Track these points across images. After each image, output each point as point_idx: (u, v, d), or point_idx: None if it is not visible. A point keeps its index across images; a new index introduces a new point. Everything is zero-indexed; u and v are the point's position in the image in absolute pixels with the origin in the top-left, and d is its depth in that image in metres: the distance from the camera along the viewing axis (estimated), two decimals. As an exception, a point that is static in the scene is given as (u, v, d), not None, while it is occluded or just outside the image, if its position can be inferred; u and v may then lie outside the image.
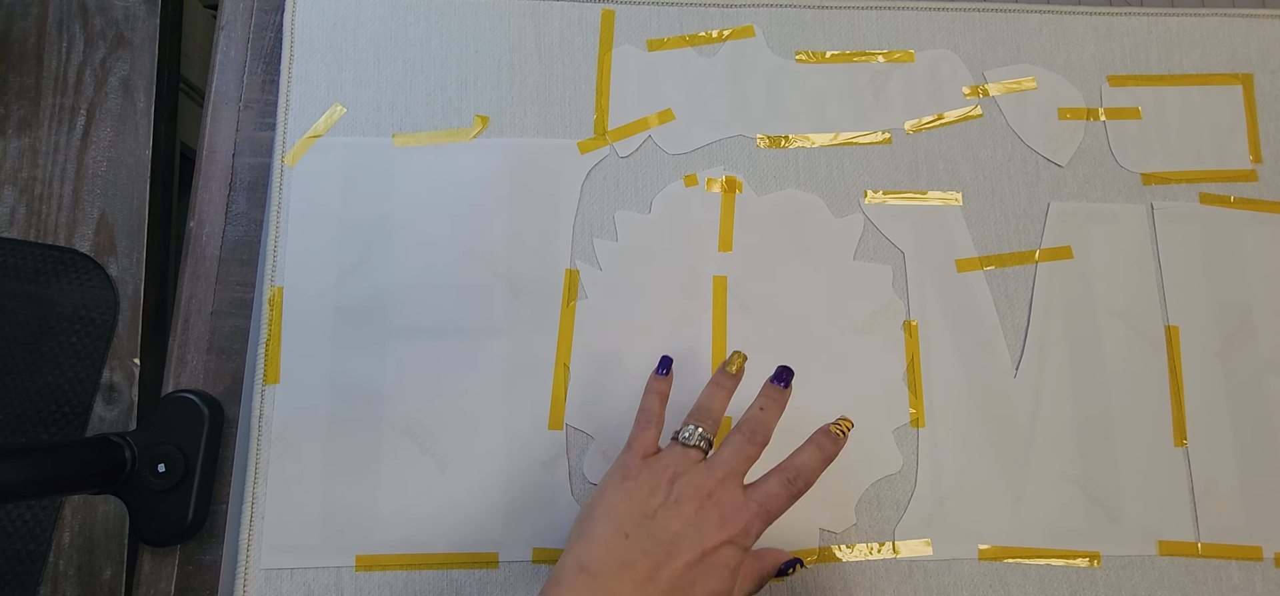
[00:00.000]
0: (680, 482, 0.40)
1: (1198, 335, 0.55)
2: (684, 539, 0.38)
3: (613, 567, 0.38)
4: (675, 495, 0.40)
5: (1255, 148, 0.59)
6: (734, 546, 0.39)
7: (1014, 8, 0.60)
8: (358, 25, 0.57)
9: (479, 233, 0.54)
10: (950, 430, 0.53)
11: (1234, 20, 0.61)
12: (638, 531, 0.39)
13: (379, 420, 0.51)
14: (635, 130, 0.57)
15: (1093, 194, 0.58)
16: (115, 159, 0.57)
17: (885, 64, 0.59)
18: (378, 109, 0.56)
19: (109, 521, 0.52)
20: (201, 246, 0.55)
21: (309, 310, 0.53)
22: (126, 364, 0.54)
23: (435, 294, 0.53)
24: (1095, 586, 0.51)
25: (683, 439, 0.42)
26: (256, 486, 0.50)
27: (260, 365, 0.52)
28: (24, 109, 0.58)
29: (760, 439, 0.42)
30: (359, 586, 0.49)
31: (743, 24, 0.59)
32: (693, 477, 0.40)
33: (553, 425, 0.52)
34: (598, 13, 0.58)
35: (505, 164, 0.56)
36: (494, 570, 0.50)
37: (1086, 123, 0.59)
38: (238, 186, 0.56)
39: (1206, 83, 0.60)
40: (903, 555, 0.51)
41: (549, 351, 0.53)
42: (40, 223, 0.56)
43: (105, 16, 0.59)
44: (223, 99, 0.57)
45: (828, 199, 0.56)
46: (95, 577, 0.51)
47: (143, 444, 0.48)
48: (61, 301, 0.54)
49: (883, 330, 0.54)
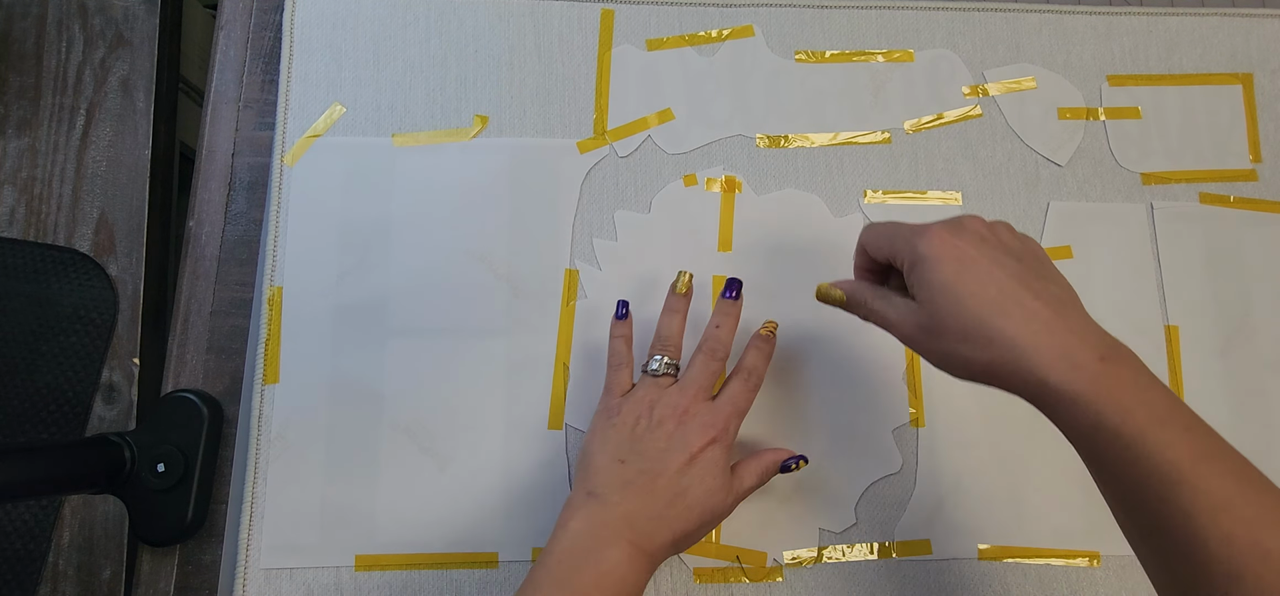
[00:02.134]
0: (658, 407, 0.45)
1: (1198, 335, 0.55)
2: (671, 451, 0.43)
3: (615, 488, 0.43)
4: (656, 418, 0.45)
5: (1255, 147, 0.59)
6: (717, 445, 0.44)
7: (1014, 7, 0.60)
8: (357, 25, 0.57)
9: (479, 233, 0.54)
10: (950, 430, 0.53)
11: (1234, 20, 0.61)
12: (631, 455, 0.44)
13: (378, 420, 0.51)
14: (635, 130, 0.57)
15: (1093, 194, 0.57)
16: (115, 159, 0.57)
17: (885, 64, 0.59)
18: (377, 109, 0.56)
19: (109, 521, 0.52)
20: (201, 246, 0.55)
21: (308, 310, 0.53)
22: (126, 364, 0.54)
23: (435, 294, 0.53)
24: (1095, 586, 0.51)
25: (651, 370, 0.47)
26: (256, 486, 0.50)
27: (260, 365, 0.52)
28: (24, 109, 0.58)
29: (721, 353, 0.47)
30: (358, 586, 0.49)
31: (742, 24, 0.59)
32: (668, 400, 0.45)
33: (552, 425, 0.52)
34: (597, 12, 0.58)
35: (505, 164, 0.56)
36: (494, 570, 0.50)
37: (1086, 122, 0.59)
38: (237, 186, 0.56)
39: (1206, 82, 0.60)
40: (902, 555, 0.51)
41: (549, 351, 0.53)
42: (40, 222, 0.56)
43: (105, 16, 0.59)
44: (222, 99, 0.57)
45: (827, 199, 0.56)
46: (95, 577, 0.51)
47: (142, 443, 0.48)
48: (61, 301, 0.54)
49: (882, 330, 0.54)
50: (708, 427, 0.44)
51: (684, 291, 0.50)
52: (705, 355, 0.47)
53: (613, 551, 0.41)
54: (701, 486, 0.43)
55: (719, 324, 0.48)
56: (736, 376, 0.47)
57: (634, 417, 0.45)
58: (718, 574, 0.50)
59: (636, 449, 0.44)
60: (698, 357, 0.47)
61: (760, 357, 0.48)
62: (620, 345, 0.49)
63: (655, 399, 0.45)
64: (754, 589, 0.50)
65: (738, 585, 0.50)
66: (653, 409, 0.45)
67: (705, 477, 0.43)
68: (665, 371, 0.47)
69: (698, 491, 0.43)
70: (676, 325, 0.49)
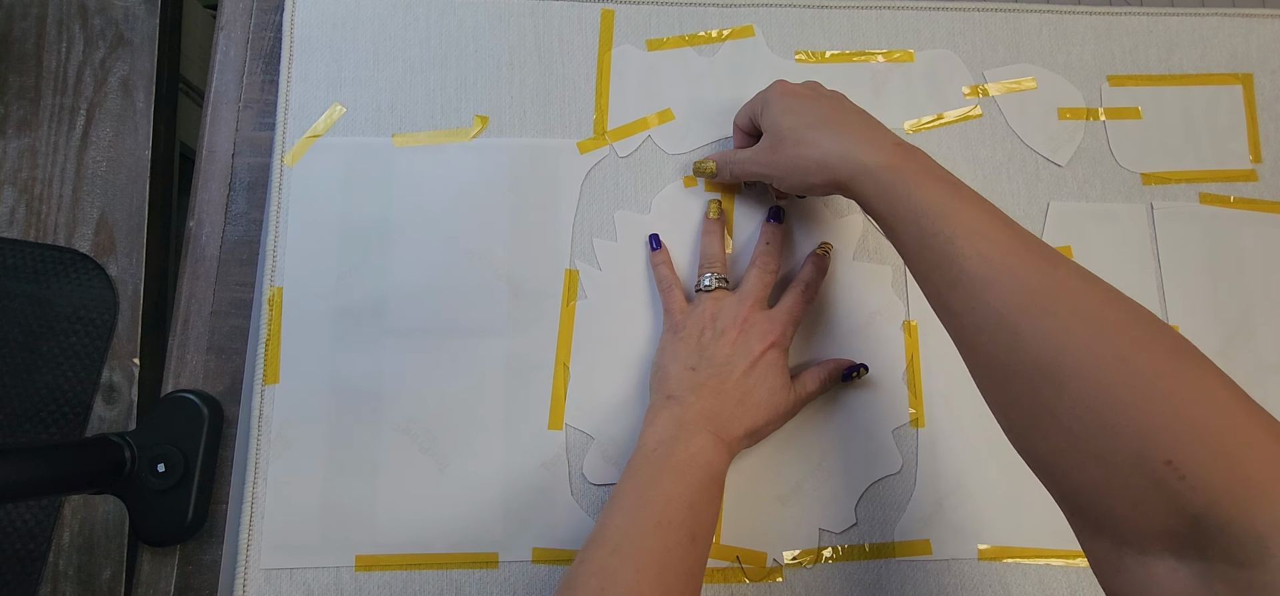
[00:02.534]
0: (720, 318, 0.50)
1: (1198, 335, 0.54)
2: (735, 356, 0.48)
3: (690, 390, 0.48)
4: (719, 328, 0.49)
5: (1255, 147, 0.59)
6: (777, 348, 0.49)
7: (1014, 8, 0.60)
8: (357, 25, 0.57)
9: (479, 233, 0.54)
10: (950, 430, 0.53)
11: (1234, 20, 0.61)
12: (700, 362, 0.49)
13: (378, 420, 0.51)
14: (635, 130, 0.57)
15: (1092, 194, 0.57)
16: (115, 159, 0.57)
17: (885, 64, 0.59)
18: (377, 109, 0.56)
19: (109, 521, 0.52)
20: (201, 246, 0.55)
21: (308, 310, 0.53)
22: (126, 364, 0.54)
23: (435, 294, 0.53)
24: (1095, 586, 0.51)
25: (705, 286, 0.52)
26: (256, 486, 0.50)
27: (260, 365, 0.52)
28: (24, 109, 0.58)
29: (773, 265, 0.52)
30: (359, 586, 0.49)
31: (742, 24, 0.59)
32: (727, 311, 0.50)
33: (553, 425, 0.52)
34: (597, 13, 0.58)
35: (505, 164, 0.56)
36: (494, 570, 0.50)
37: (1086, 122, 0.59)
38: (237, 186, 0.56)
39: (1206, 82, 0.60)
40: (902, 555, 0.51)
41: (549, 351, 0.53)
42: (40, 222, 0.56)
43: (105, 16, 0.59)
44: (222, 99, 0.57)
45: (827, 199, 0.56)
46: (95, 577, 0.51)
47: (142, 444, 0.48)
48: (61, 301, 0.54)
49: (882, 330, 0.54)
50: (767, 333, 0.49)
51: (716, 216, 0.55)
52: (758, 268, 0.52)
53: (698, 438, 0.46)
54: (764, 387, 0.48)
55: (769, 240, 0.53)
56: (794, 287, 0.52)
57: (699, 329, 0.50)
58: (718, 574, 0.50)
59: (705, 356, 0.49)
60: (752, 271, 0.52)
61: (816, 272, 0.53)
62: (664, 270, 0.53)
63: (716, 310, 0.50)
64: (754, 589, 0.50)
65: (738, 585, 0.50)
66: (715, 320, 0.50)
67: (767, 378, 0.48)
68: (717, 285, 0.51)
69: (762, 391, 0.48)
70: (717, 245, 0.53)
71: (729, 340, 0.49)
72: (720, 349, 0.49)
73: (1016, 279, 0.36)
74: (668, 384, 0.49)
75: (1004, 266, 0.36)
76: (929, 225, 0.39)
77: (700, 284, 0.52)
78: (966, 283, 0.37)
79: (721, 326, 0.49)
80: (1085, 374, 0.32)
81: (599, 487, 0.51)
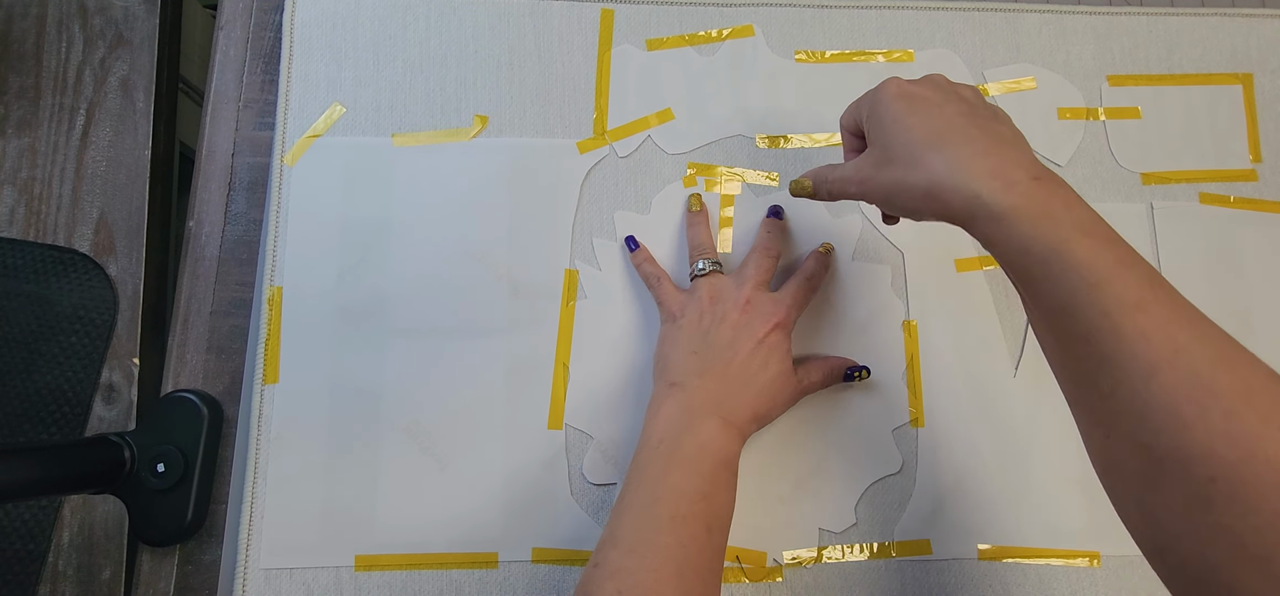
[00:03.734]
0: (720, 302, 0.49)
1: (1197, 335, 0.55)
2: (739, 338, 0.47)
3: (694, 375, 0.47)
4: (720, 313, 0.48)
5: (1255, 147, 0.59)
6: (780, 330, 0.48)
7: (1014, 7, 0.60)
8: (357, 25, 0.57)
9: (479, 233, 0.54)
10: (950, 430, 0.53)
11: (1234, 20, 0.61)
12: (702, 346, 0.48)
13: (378, 420, 0.51)
14: (634, 130, 0.57)
15: (1092, 193, 0.57)
16: (115, 159, 0.57)
17: (885, 63, 0.59)
18: (377, 109, 0.56)
19: (108, 521, 0.52)
20: (201, 246, 0.55)
21: (308, 310, 0.53)
22: (126, 364, 0.54)
23: (435, 294, 0.53)
24: (1095, 586, 0.51)
25: (699, 270, 0.51)
26: (256, 486, 0.50)
27: (260, 365, 0.52)
28: (23, 109, 0.58)
29: (774, 251, 0.52)
30: (358, 586, 0.49)
31: (742, 23, 0.59)
32: (727, 293, 0.49)
33: (552, 425, 0.52)
34: (597, 12, 0.58)
35: (505, 164, 0.56)
36: (494, 570, 0.50)
37: (1086, 122, 0.59)
38: (237, 186, 0.56)
39: (1206, 82, 0.60)
40: (902, 555, 0.51)
41: (549, 351, 0.53)
42: (39, 222, 0.56)
43: (105, 16, 0.59)
44: (222, 98, 0.57)
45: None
46: (95, 577, 0.51)
47: (142, 444, 0.48)
48: (61, 301, 0.54)
49: (882, 330, 0.54)
50: (771, 315, 0.48)
51: (698, 209, 0.54)
52: (759, 252, 0.51)
53: (706, 424, 0.45)
54: (769, 370, 0.47)
55: (769, 230, 0.53)
56: (797, 275, 0.51)
57: (698, 313, 0.49)
58: (718, 574, 0.50)
59: (707, 340, 0.48)
60: (753, 255, 0.51)
61: (820, 266, 0.52)
62: (649, 266, 0.53)
63: (715, 294, 0.49)
64: (754, 589, 0.50)
65: (738, 585, 0.50)
66: (715, 303, 0.49)
67: (771, 361, 0.47)
68: (711, 269, 0.51)
69: (767, 373, 0.47)
70: (704, 233, 0.53)
71: (731, 322, 0.48)
72: (722, 331, 0.48)
73: (1189, 366, 0.31)
74: (670, 371, 0.48)
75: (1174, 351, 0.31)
76: (1082, 295, 0.33)
77: (694, 270, 0.51)
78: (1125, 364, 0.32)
79: (722, 309, 0.48)
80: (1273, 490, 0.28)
81: (599, 487, 0.51)
